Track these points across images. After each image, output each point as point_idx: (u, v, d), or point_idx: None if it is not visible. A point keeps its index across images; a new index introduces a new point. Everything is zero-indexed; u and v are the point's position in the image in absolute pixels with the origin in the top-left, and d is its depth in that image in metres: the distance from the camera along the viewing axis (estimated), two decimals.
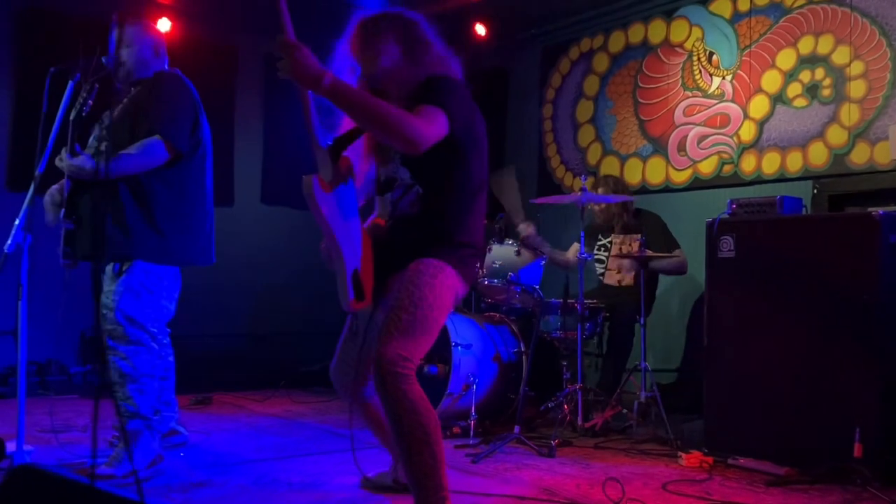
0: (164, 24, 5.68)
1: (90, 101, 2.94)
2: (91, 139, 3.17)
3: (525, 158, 6.34)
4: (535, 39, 6.28)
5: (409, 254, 2.30)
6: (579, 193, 4.00)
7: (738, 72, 4.97)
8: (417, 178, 2.36)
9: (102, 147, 3.09)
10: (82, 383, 5.53)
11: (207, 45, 5.92)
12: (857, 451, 2.95)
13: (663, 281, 4.91)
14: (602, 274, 4.74)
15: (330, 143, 2.33)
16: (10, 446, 3.03)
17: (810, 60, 4.62)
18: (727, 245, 3.47)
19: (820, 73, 4.58)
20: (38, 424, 3.96)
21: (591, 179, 4.97)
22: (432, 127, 2.16)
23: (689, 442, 3.63)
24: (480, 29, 6.02)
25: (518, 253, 4.13)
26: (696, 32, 5.22)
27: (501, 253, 4.15)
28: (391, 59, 2.36)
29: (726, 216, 3.54)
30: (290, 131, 6.47)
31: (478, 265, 2.44)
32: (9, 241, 2.91)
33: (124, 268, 3.02)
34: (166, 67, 3.28)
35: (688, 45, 5.27)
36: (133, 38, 3.18)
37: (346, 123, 2.40)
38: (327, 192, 2.23)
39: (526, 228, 4.30)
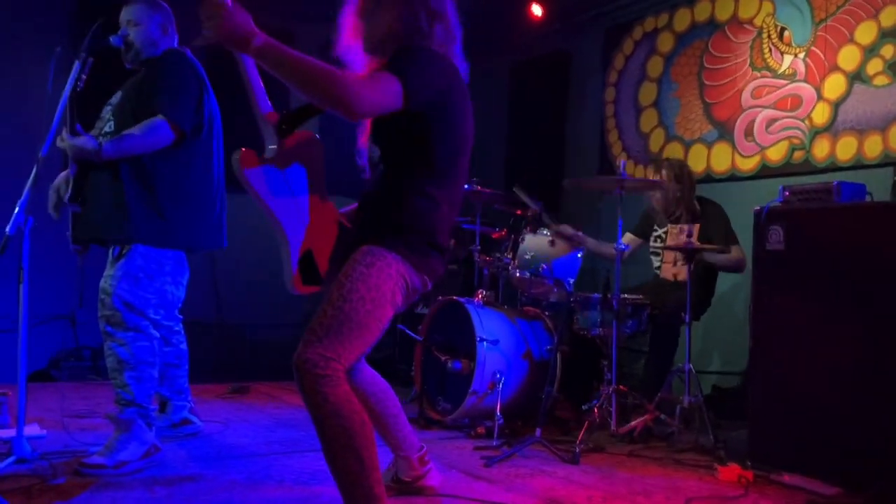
0: None
1: (84, 76, 2.87)
2: (98, 120, 3.11)
3: (586, 145, 6.03)
4: (598, 20, 5.95)
5: (360, 238, 2.11)
6: (615, 178, 3.68)
7: (812, 48, 4.52)
8: (384, 157, 2.18)
9: (106, 129, 3.03)
10: None
11: (264, 32, 5.88)
12: None
13: (730, 277, 4.53)
14: (658, 267, 4.41)
15: (279, 113, 2.18)
16: (7, 433, 3.03)
17: (893, 34, 4.15)
18: (776, 236, 3.12)
19: None
20: (70, 409, 3.98)
21: (651, 167, 4.62)
22: (375, 94, 1.93)
23: (735, 453, 3.29)
24: (537, 9, 5.75)
25: (552, 243, 3.86)
26: (767, 7, 4.79)
27: (534, 243, 3.89)
28: (398, 25, 2.14)
29: (777, 204, 3.19)
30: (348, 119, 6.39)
31: (438, 256, 2.18)
32: (9, 224, 2.88)
33: (123, 251, 2.94)
34: (175, 45, 3.19)
35: (757, 22, 4.84)
36: (140, 16, 3.10)
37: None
38: (258, 167, 2.08)
39: (565, 229, 4.01)
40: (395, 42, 2.13)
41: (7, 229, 2.88)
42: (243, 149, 2.05)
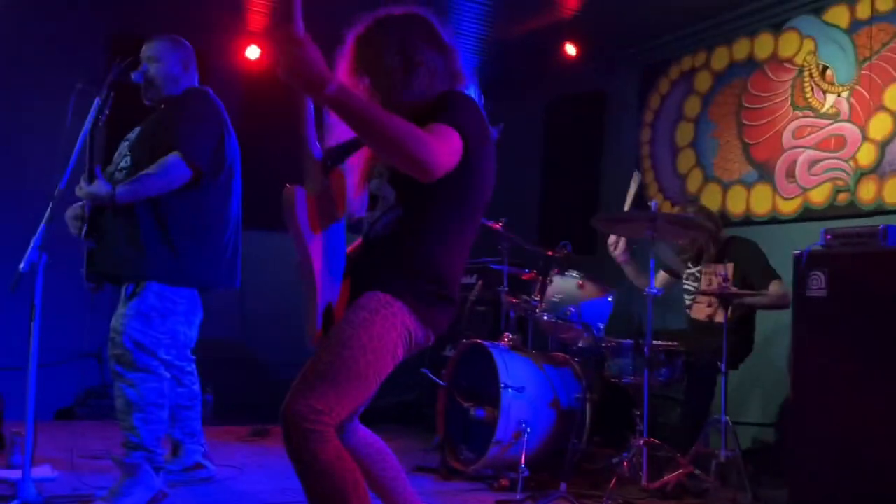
0: (252, 52, 5.71)
1: (106, 111, 2.85)
2: (116, 155, 3.08)
3: (621, 186, 5.86)
4: (634, 59, 5.85)
5: (367, 283, 1.96)
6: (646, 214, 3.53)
7: (856, 87, 4.35)
8: (402, 199, 2.01)
9: (122, 164, 2.99)
10: None
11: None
12: None
13: (769, 318, 4.31)
14: (689, 307, 4.23)
15: (322, 154, 2.07)
16: (16, 474, 2.95)
17: None
18: (817, 282, 2.95)
19: None
20: (86, 449, 3.92)
21: (679, 207, 4.48)
22: (449, 153, 1.82)
23: None
24: (571, 49, 5.67)
25: (581, 286, 3.72)
26: (808, 45, 4.64)
27: (563, 286, 3.75)
28: (396, 68, 2.00)
29: (818, 248, 3.02)
30: None
31: (446, 310, 2.03)
32: (23, 261, 2.84)
33: (137, 290, 2.89)
34: (196, 84, 3.16)
35: (798, 60, 4.69)
36: (161, 53, 3.09)
37: (343, 132, 2.12)
38: (311, 209, 1.94)
39: (616, 240, 3.91)
40: (397, 85, 2.01)
41: (21, 266, 2.85)
42: (295, 188, 1.89)
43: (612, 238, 3.98)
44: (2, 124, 5.07)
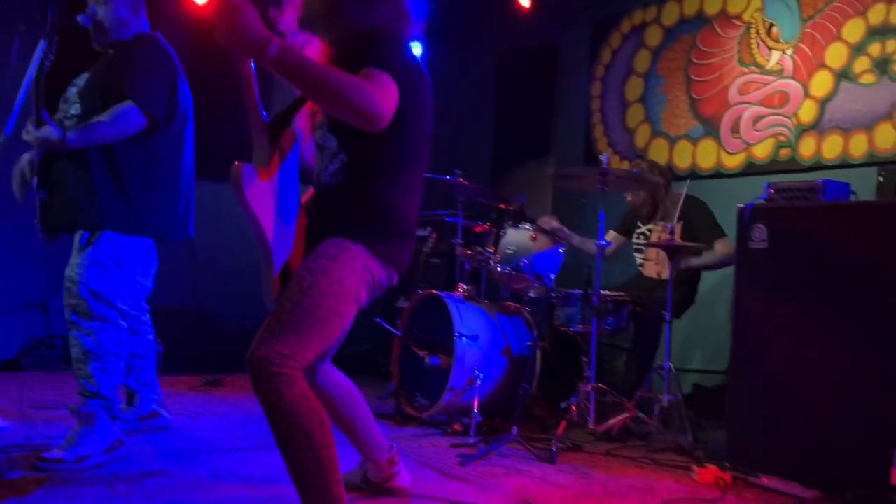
0: None
1: (51, 57, 2.77)
2: (61, 102, 3.01)
3: (572, 139, 5.96)
4: (586, 13, 5.87)
5: (323, 232, 2.01)
6: (598, 170, 3.60)
7: (800, 45, 4.47)
8: (344, 146, 2.05)
9: (72, 111, 2.92)
10: None
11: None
12: (894, 477, 2.53)
13: (714, 275, 4.48)
14: (641, 265, 4.36)
15: (268, 118, 2.06)
16: None
17: (881, 31, 4.10)
18: (760, 234, 3.06)
19: (892, 45, 4.05)
20: (36, 400, 3.88)
21: (633, 163, 4.55)
22: (387, 98, 1.85)
23: (713, 454, 3.24)
24: (524, 0, 5.66)
25: (534, 238, 3.79)
26: (756, 2, 4.73)
27: (516, 238, 3.82)
28: None
29: (761, 202, 3.13)
30: None
31: (407, 246, 2.09)
32: None
33: (92, 239, 2.85)
34: (147, 29, 3.09)
35: (746, 17, 4.78)
36: None
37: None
38: (261, 181, 1.94)
39: (548, 222, 3.96)
40: (337, 17, 2.04)
41: None
42: (249, 164, 1.90)
43: (542, 222, 3.94)
44: None
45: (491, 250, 3.88)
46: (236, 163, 1.90)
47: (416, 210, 2.12)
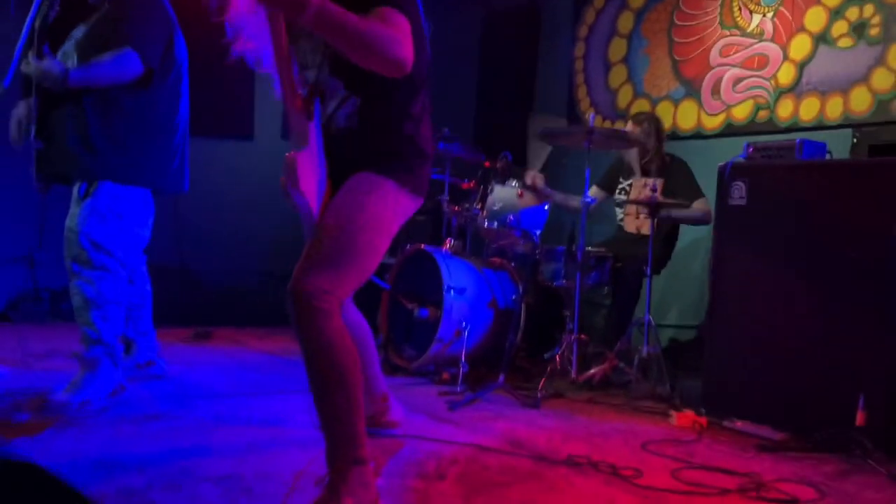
0: None
1: (56, 7, 2.80)
2: (59, 55, 3.03)
3: (554, 101, 6.04)
4: None
5: (346, 172, 2.05)
6: (586, 129, 3.69)
7: (780, 8, 4.57)
8: (352, 87, 2.07)
9: (69, 64, 2.95)
10: None
11: None
12: (860, 419, 2.69)
13: (690, 232, 4.63)
14: (622, 220, 4.48)
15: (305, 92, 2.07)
16: None
17: None
18: (739, 191, 3.19)
19: (869, 9, 4.17)
20: (30, 350, 3.96)
21: (630, 122, 4.62)
22: (408, 40, 1.86)
23: (690, 401, 3.39)
24: None
25: (520, 195, 3.89)
26: None
27: (503, 195, 3.92)
28: None
29: (741, 160, 3.25)
30: None
31: (427, 170, 2.17)
32: None
33: (90, 189, 2.90)
34: None
35: None
36: None
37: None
38: (306, 165, 1.92)
39: (532, 178, 4.04)
40: None
41: None
42: (295, 156, 1.89)
43: (528, 177, 4.03)
44: None
45: (478, 206, 3.98)
46: (289, 154, 1.90)
47: (430, 131, 2.17)
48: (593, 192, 4.51)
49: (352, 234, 1.92)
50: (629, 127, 4.37)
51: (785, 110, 4.53)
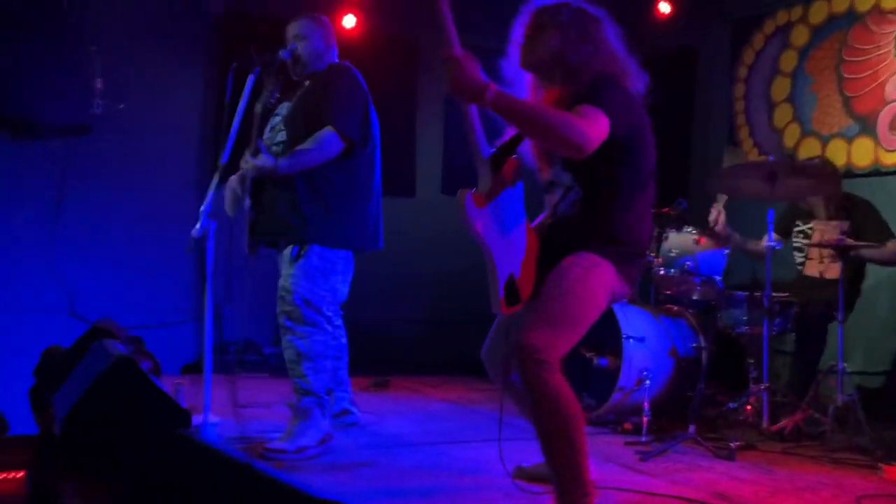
0: (349, 20, 5.90)
1: (276, 94, 3.10)
2: (267, 130, 3.32)
3: (713, 142, 5.97)
4: (725, 15, 5.88)
5: (565, 251, 2.24)
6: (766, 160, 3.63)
7: None
8: (578, 180, 2.30)
9: (279, 138, 3.24)
10: (275, 363, 5.90)
11: (390, 39, 6.06)
12: None
13: (872, 274, 4.42)
14: (801, 264, 4.33)
15: (492, 151, 2.29)
16: (197, 419, 3.27)
17: None
18: None
19: None
20: (225, 399, 4.25)
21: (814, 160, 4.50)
22: (594, 129, 2.10)
23: (894, 453, 3.23)
24: (665, 7, 5.74)
25: (697, 241, 3.87)
26: None
27: (679, 241, 3.91)
28: (560, 45, 2.30)
29: None
30: None
31: (640, 265, 2.37)
32: (196, 227, 3.12)
33: (302, 252, 3.14)
34: (337, 59, 3.38)
35: None
36: (306, 30, 3.29)
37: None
38: (482, 207, 2.18)
39: (717, 214, 3.94)
40: (558, 65, 2.29)
41: (193, 232, 3.13)
42: (470, 192, 2.14)
43: (713, 213, 3.99)
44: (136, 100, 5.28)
45: (653, 254, 3.98)
46: (461, 190, 2.17)
47: (649, 234, 2.36)
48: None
49: (570, 302, 2.13)
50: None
51: None
